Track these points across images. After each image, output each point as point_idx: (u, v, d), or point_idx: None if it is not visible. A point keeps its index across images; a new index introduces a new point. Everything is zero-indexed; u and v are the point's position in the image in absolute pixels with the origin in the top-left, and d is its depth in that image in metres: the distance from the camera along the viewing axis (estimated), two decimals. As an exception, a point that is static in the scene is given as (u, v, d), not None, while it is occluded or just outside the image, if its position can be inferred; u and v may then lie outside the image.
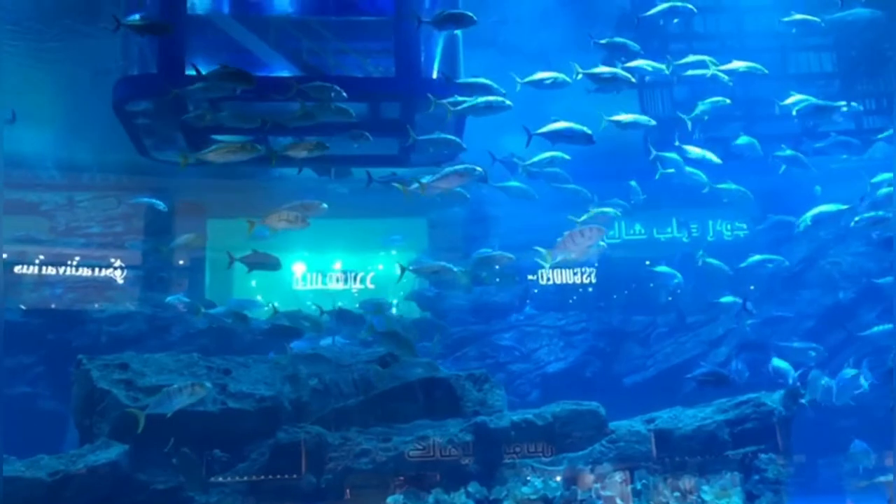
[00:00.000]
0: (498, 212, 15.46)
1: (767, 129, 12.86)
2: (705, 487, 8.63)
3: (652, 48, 11.89)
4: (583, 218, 10.21)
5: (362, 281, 16.40)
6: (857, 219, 10.11)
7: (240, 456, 8.49)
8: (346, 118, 9.25)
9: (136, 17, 8.89)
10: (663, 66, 10.69)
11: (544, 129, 9.76)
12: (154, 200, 12.86)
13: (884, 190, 10.23)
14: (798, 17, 11.30)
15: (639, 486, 8.62)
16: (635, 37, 11.36)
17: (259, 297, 13.34)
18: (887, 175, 10.79)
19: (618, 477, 8.61)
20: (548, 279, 16.85)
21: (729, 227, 17.56)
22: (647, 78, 11.93)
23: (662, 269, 14.75)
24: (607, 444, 8.96)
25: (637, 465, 8.85)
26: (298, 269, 16.30)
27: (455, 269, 9.84)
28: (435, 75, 10.81)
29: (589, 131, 9.73)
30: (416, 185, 9.27)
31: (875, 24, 12.25)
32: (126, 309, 14.09)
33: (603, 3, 13.02)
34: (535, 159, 10.43)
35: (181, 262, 15.13)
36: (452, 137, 10.06)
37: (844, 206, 10.44)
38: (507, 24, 13.21)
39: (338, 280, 16.44)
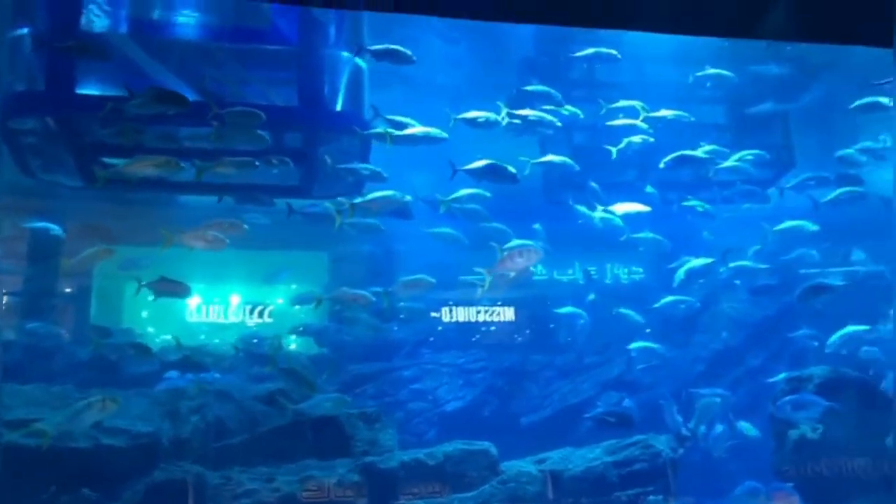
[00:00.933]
0: (404, 248, 15.40)
1: (665, 176, 13.32)
2: (595, 530, 8.64)
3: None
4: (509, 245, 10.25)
5: (260, 314, 15.99)
6: (722, 269, 10.61)
7: (112, 496, 8.03)
8: (262, 145, 9.12)
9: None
10: (578, 111, 11.00)
11: (471, 167, 9.84)
12: (49, 224, 12.24)
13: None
14: (711, 71, 11.76)
15: (529, 529, 8.56)
16: (540, 82, 11.66)
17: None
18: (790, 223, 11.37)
19: (508, 519, 8.53)
20: (451, 317, 16.83)
21: (626, 270, 17.96)
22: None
23: (569, 309, 15.01)
24: (498, 484, 8.89)
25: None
26: (193, 300, 15.77)
27: (371, 297, 9.75)
28: (341, 107, 10.77)
29: (514, 170, 9.88)
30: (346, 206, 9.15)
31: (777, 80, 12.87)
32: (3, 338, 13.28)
33: (509, 49, 13.23)
34: (456, 195, 10.49)
35: (67, 290, 14.40)
36: (374, 167, 10.04)
37: (710, 260, 10.98)
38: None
39: (234, 313, 15.98)
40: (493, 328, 16.90)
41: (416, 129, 10.25)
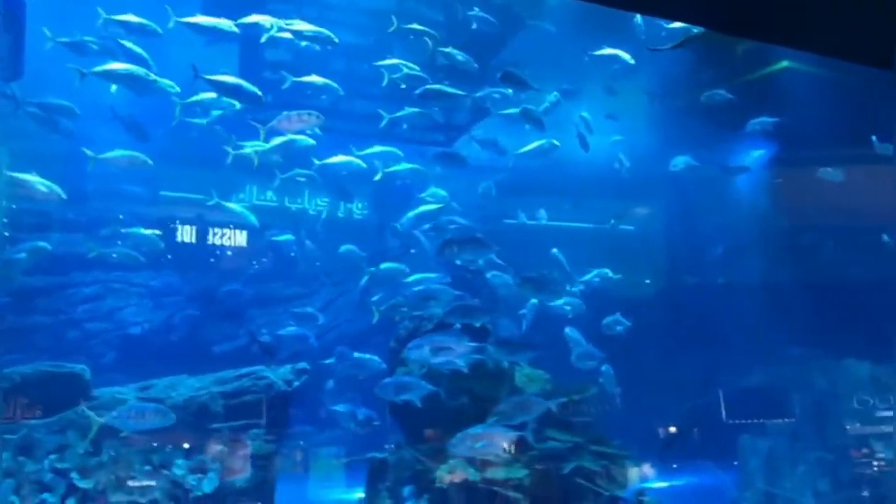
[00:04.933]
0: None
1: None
2: (179, 461, 8.17)
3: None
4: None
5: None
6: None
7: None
8: None
9: None
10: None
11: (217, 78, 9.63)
12: None
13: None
14: None
15: (105, 459, 7.94)
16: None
17: None
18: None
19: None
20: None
21: (360, 205, 17.53)
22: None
23: (286, 237, 14.52)
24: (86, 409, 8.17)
25: (114, 434, 8.16)
26: None
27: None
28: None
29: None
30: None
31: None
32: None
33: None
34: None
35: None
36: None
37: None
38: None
39: None
40: (204, 253, 16.03)
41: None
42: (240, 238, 16.28)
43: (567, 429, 9.40)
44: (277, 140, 10.88)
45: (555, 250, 13.09)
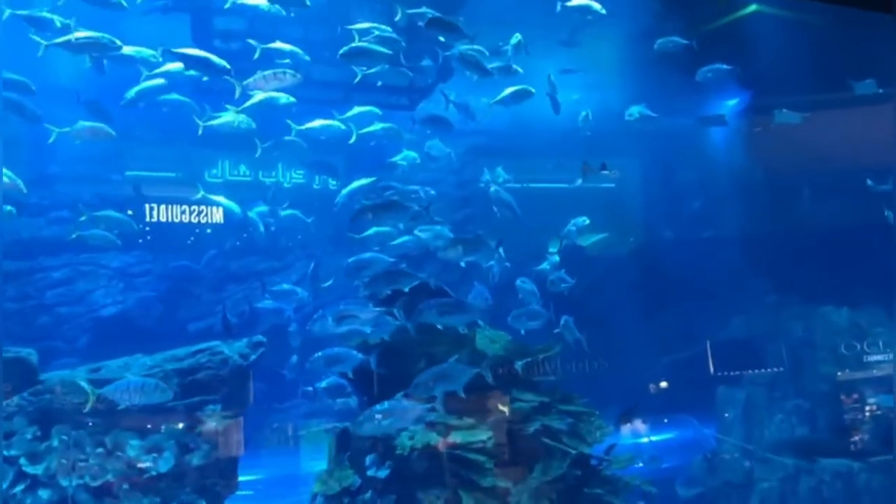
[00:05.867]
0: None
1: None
2: (133, 442, 8.02)
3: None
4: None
5: None
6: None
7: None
8: None
9: None
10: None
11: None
12: None
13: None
14: None
15: (55, 443, 7.79)
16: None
17: None
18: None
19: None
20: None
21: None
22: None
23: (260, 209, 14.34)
24: (28, 396, 8.00)
25: (63, 419, 7.99)
26: None
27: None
28: None
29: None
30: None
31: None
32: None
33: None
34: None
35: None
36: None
37: None
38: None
39: None
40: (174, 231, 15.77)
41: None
42: (214, 214, 16.01)
43: (532, 389, 9.26)
44: (257, 97, 10.50)
45: None
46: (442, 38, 10.43)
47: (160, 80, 10.56)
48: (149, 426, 8.20)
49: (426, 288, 8.47)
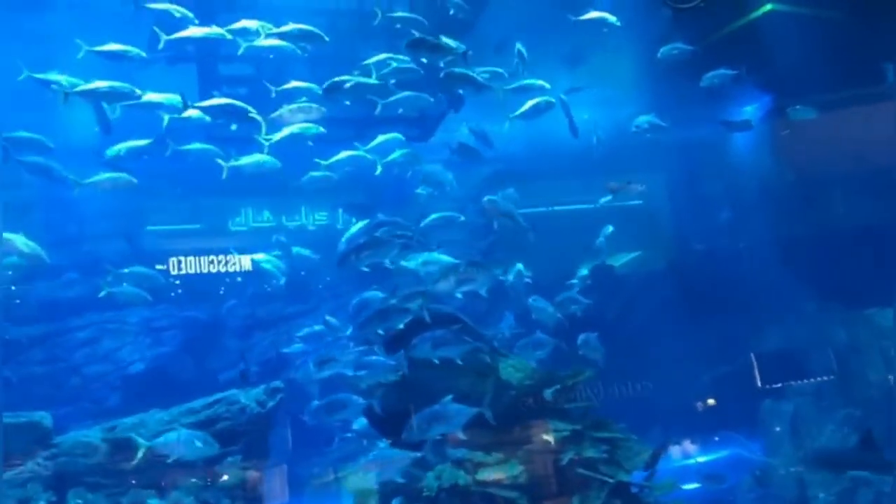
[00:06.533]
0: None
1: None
2: (152, 501, 7.76)
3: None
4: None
5: None
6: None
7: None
8: None
9: None
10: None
11: None
12: None
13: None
14: None
15: (71, 507, 7.57)
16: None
17: None
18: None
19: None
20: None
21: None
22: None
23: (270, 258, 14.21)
24: (44, 460, 7.80)
25: (79, 481, 7.78)
26: None
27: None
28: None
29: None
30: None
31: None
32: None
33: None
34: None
35: None
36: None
37: None
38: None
39: None
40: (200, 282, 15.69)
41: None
42: (239, 263, 15.90)
43: (563, 417, 8.83)
44: (287, 129, 10.31)
45: None
46: (424, 60, 10.05)
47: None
48: (168, 483, 7.96)
49: (421, 322, 8.08)
